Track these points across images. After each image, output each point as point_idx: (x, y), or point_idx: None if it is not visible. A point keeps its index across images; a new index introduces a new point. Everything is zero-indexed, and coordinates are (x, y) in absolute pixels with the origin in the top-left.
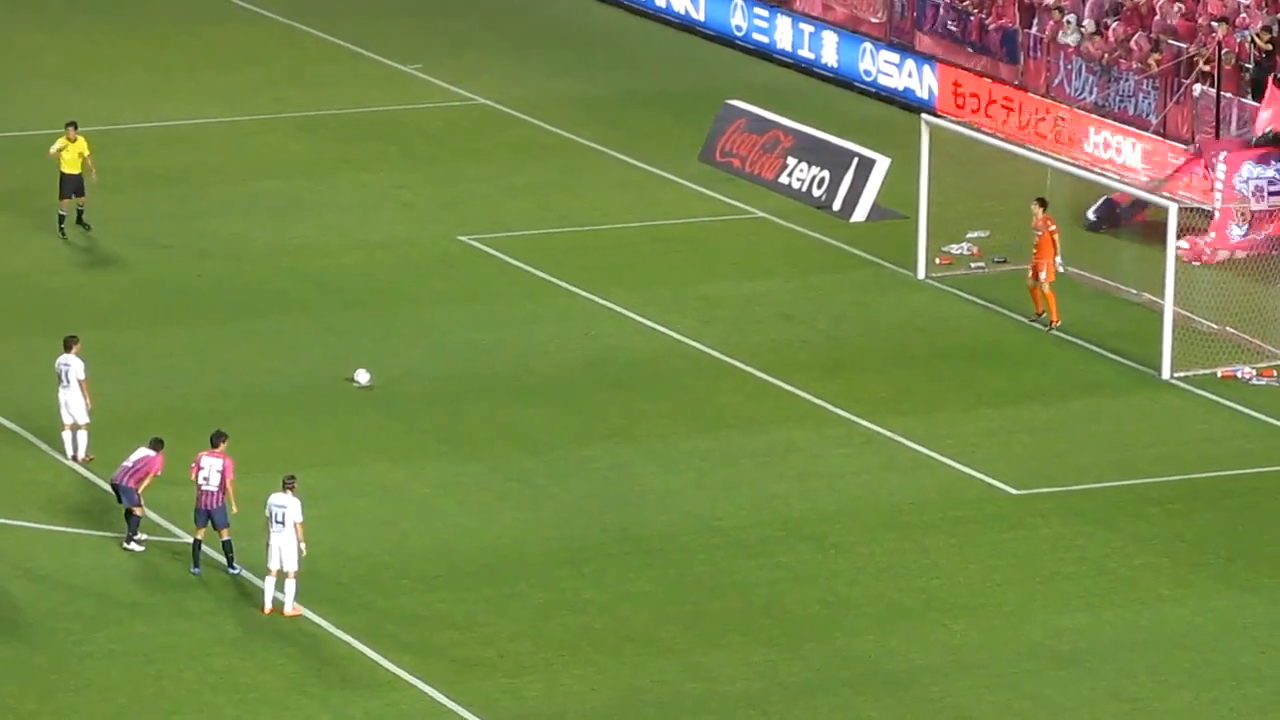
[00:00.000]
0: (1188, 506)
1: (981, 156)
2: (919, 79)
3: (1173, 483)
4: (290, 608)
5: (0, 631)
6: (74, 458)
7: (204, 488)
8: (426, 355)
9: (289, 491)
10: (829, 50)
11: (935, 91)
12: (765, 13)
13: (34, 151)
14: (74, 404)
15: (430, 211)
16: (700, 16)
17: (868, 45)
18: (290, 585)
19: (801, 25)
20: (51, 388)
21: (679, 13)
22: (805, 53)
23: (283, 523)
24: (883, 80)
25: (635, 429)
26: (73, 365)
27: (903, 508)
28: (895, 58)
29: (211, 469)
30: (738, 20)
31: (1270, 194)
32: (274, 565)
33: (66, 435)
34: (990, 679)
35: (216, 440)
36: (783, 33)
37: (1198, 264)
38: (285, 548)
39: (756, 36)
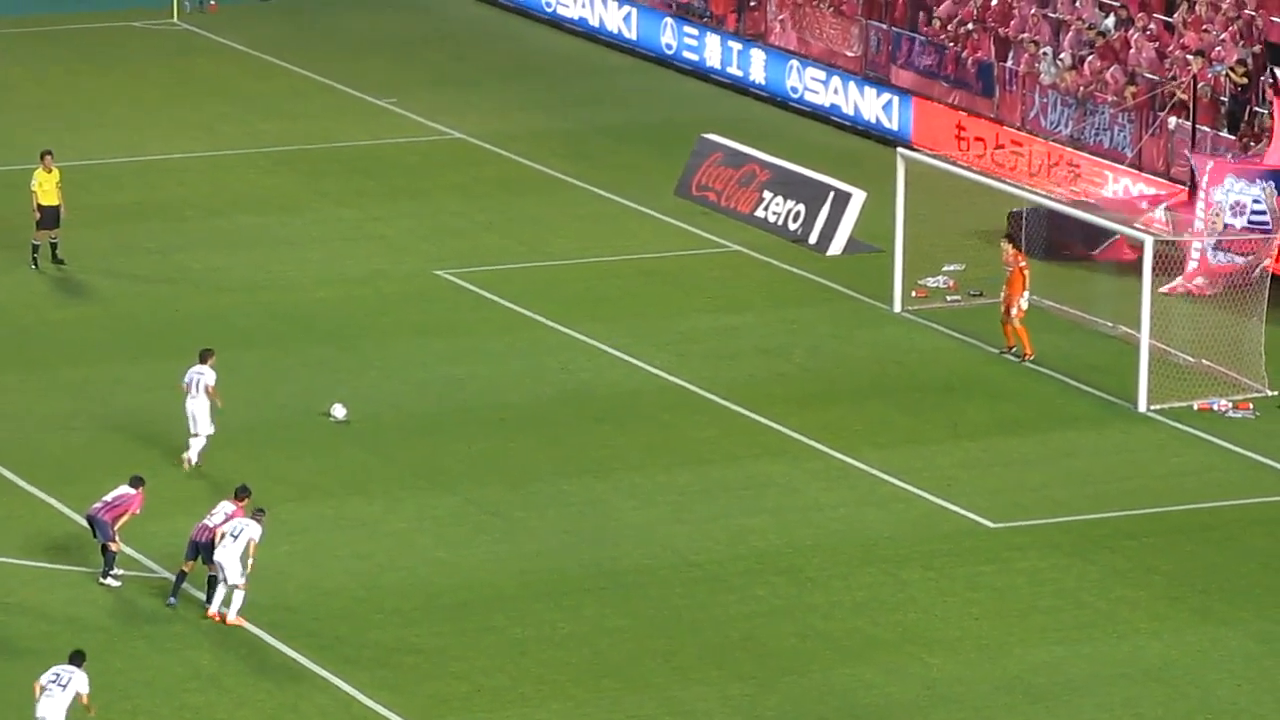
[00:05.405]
0: (1164, 540)
1: (957, 189)
2: (850, 98)
3: (1149, 516)
4: (233, 617)
5: None
6: (189, 461)
7: (206, 522)
8: (403, 389)
9: (256, 518)
10: (757, 68)
11: (911, 124)
12: (695, 31)
13: (8, 186)
14: (200, 414)
15: (406, 245)
16: (632, 35)
17: (794, 63)
18: (237, 596)
19: (730, 43)
20: (28, 422)
21: (612, 32)
22: (734, 70)
23: (236, 537)
24: (809, 98)
25: (612, 463)
26: (205, 374)
27: (879, 541)
28: (822, 74)
29: (222, 511)
30: (668, 39)
31: (1253, 213)
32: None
33: (193, 441)
34: (967, 713)
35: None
36: (712, 51)
37: (1178, 293)
38: (227, 563)
39: (686, 55)
